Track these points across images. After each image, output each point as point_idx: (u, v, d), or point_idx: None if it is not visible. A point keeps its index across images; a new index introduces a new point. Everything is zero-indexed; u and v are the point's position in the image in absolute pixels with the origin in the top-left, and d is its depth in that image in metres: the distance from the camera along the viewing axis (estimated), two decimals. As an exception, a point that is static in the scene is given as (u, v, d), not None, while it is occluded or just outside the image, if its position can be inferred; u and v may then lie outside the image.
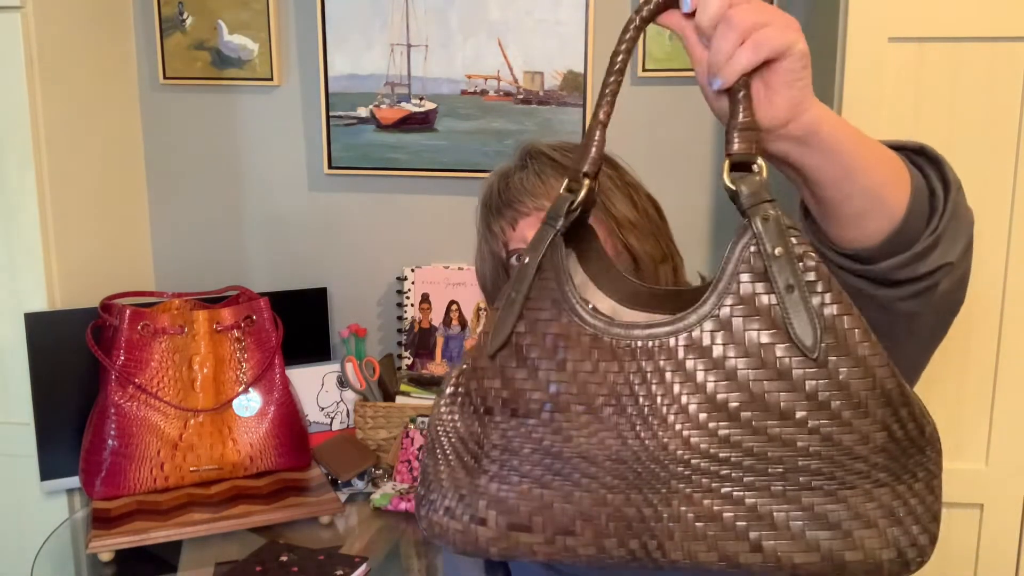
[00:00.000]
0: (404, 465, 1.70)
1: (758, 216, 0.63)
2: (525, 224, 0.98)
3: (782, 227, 0.63)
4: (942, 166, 0.76)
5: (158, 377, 1.59)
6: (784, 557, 0.62)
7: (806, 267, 0.63)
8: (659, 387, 0.64)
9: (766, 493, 0.63)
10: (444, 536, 0.71)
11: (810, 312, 0.62)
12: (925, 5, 1.33)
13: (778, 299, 0.63)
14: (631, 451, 0.64)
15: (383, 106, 1.91)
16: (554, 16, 1.82)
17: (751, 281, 0.63)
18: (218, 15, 1.92)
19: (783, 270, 0.63)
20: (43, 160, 1.65)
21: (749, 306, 0.63)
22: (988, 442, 1.44)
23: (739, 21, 0.63)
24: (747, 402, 0.63)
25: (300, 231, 2.02)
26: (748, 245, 0.64)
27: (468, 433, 0.70)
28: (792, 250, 0.63)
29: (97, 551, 1.42)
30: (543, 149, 1.02)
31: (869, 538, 0.62)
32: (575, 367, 0.66)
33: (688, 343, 0.64)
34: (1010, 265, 1.38)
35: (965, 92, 1.35)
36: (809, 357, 0.62)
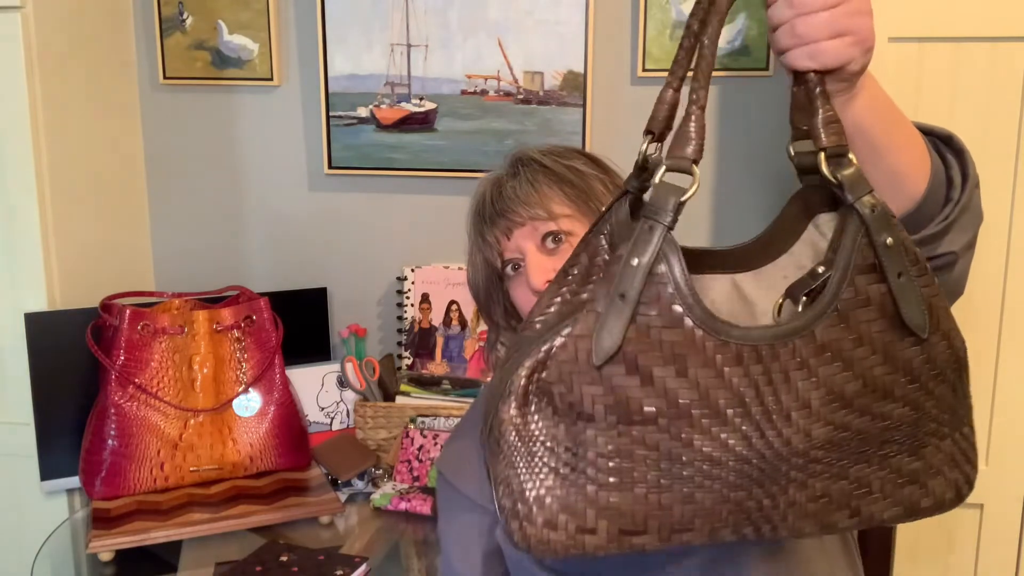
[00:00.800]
0: (404, 465, 1.70)
1: (867, 207, 0.64)
2: (520, 234, 0.98)
3: (888, 216, 0.65)
4: (965, 158, 0.77)
5: (158, 377, 1.59)
6: (876, 515, 0.68)
7: (908, 253, 0.66)
8: (784, 386, 0.65)
9: (865, 465, 0.67)
10: (545, 547, 0.67)
11: (919, 297, 0.66)
12: (925, 5, 1.33)
13: (888, 287, 0.65)
14: (755, 451, 0.64)
15: (383, 106, 1.91)
16: (554, 16, 1.82)
17: (864, 272, 0.65)
18: (218, 15, 1.92)
19: (894, 259, 0.65)
20: (43, 160, 1.65)
21: (864, 296, 0.65)
22: (988, 442, 1.44)
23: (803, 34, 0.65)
24: (860, 388, 0.66)
25: (300, 231, 2.02)
26: (858, 235, 0.65)
27: (553, 439, 0.66)
28: (901, 238, 0.65)
29: (97, 551, 1.42)
30: (534, 156, 1.01)
31: (938, 484, 0.69)
32: (696, 373, 0.64)
33: (811, 340, 0.65)
34: (1010, 265, 1.39)
35: (965, 92, 1.35)
36: (920, 337, 0.66)
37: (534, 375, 0.66)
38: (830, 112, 0.65)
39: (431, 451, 1.69)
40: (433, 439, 1.69)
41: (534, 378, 0.66)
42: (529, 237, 0.98)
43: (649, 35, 1.79)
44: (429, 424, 1.72)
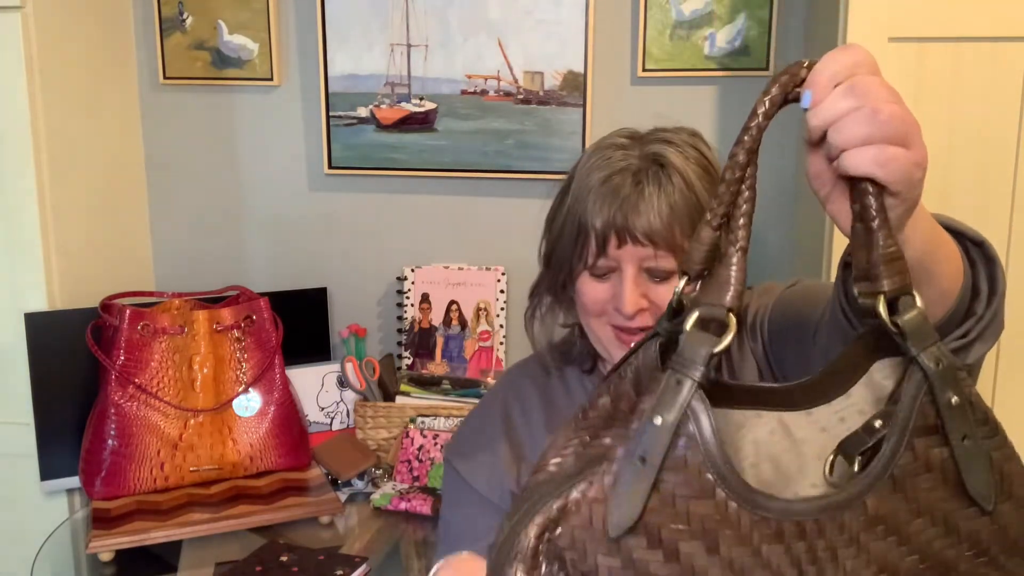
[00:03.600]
0: (404, 465, 1.70)
1: (931, 361, 0.57)
2: (632, 251, 0.90)
3: (955, 371, 0.57)
4: (996, 268, 0.71)
5: (158, 377, 1.58)
6: None
7: (976, 412, 0.58)
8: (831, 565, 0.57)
9: None
10: None
11: (986, 462, 0.58)
12: (925, 5, 1.33)
13: (951, 451, 0.58)
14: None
15: (383, 106, 1.91)
16: (554, 16, 1.82)
17: (924, 434, 0.57)
18: (218, 15, 1.92)
19: (959, 420, 0.58)
20: (43, 160, 1.65)
21: (922, 462, 0.57)
22: (988, 442, 1.44)
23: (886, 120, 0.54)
24: (916, 563, 0.58)
25: (300, 231, 2.02)
26: (920, 393, 0.57)
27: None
28: (968, 397, 0.58)
29: (97, 551, 1.42)
30: (678, 164, 0.92)
31: None
32: (730, 550, 0.56)
33: (862, 513, 0.56)
34: (1010, 265, 1.39)
35: (965, 92, 1.35)
36: (984, 510, 0.58)
37: (544, 534, 0.59)
38: (892, 248, 0.57)
39: (431, 451, 1.69)
40: (433, 439, 1.69)
41: (544, 538, 0.59)
42: (638, 259, 0.91)
43: (649, 35, 1.79)
44: (429, 424, 1.72)
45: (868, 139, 0.54)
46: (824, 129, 0.56)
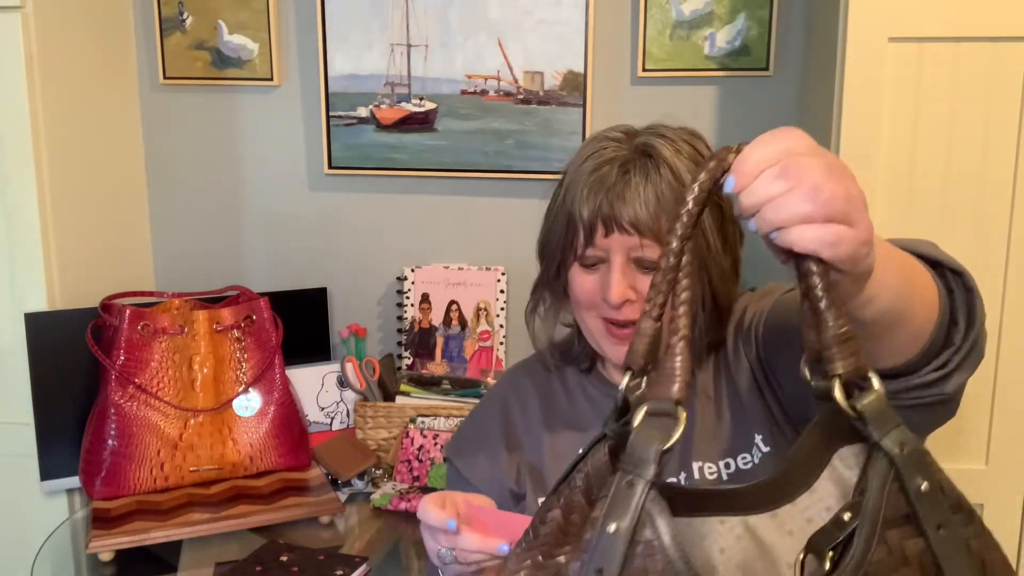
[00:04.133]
0: (404, 465, 1.70)
1: (895, 446, 0.53)
2: (619, 240, 0.91)
3: (922, 455, 0.53)
4: (974, 298, 0.70)
5: (158, 377, 1.58)
6: None
7: (949, 498, 0.54)
8: None
9: None
10: None
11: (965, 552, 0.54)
12: (925, 5, 1.33)
13: (927, 542, 0.53)
14: None
15: (383, 106, 1.91)
16: (554, 16, 1.82)
17: (897, 525, 0.53)
18: (218, 15, 1.92)
19: (932, 508, 0.53)
20: (43, 160, 1.65)
21: (898, 555, 0.53)
22: (988, 442, 1.44)
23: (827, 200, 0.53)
24: None
25: (300, 231, 2.02)
26: (887, 481, 0.53)
27: None
28: (937, 481, 0.54)
29: (97, 551, 1.42)
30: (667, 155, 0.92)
31: None
32: None
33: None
34: (1010, 265, 1.38)
35: (965, 92, 1.35)
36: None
37: None
38: (843, 328, 0.54)
39: (431, 451, 1.69)
40: (433, 439, 1.69)
41: None
42: (625, 249, 0.91)
43: (649, 35, 1.79)
44: (429, 424, 1.72)
45: (809, 217, 0.53)
46: (756, 209, 0.55)
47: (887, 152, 1.38)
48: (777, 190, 0.54)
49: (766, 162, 0.54)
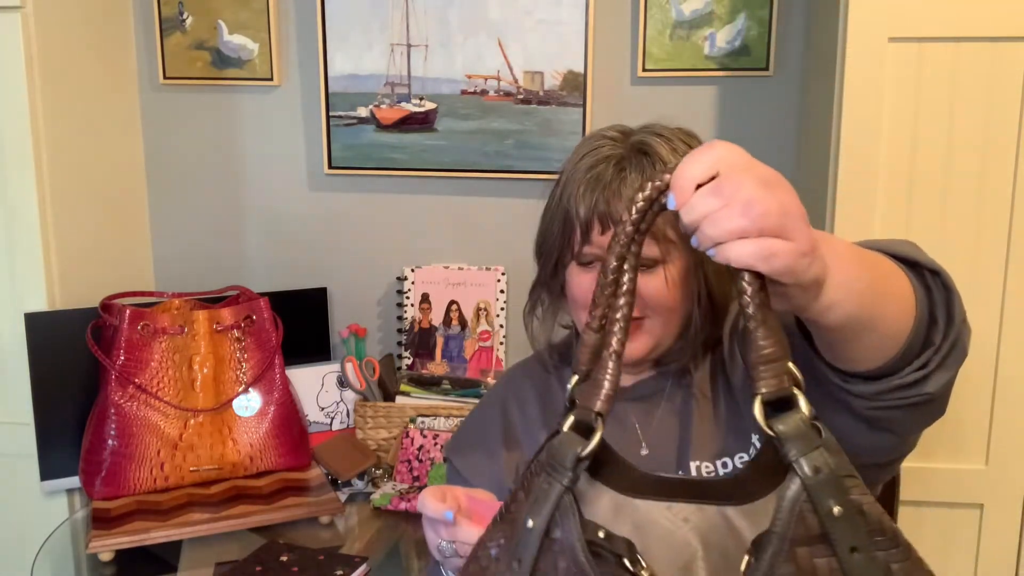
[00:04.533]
0: (404, 465, 1.70)
1: (808, 467, 0.53)
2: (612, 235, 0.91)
3: (839, 478, 0.53)
4: (952, 296, 0.70)
5: (158, 377, 1.58)
6: None
7: (869, 522, 0.53)
8: None
9: None
10: None
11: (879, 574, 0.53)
12: (925, 5, 1.33)
13: (840, 564, 0.53)
14: None
15: (383, 106, 1.91)
16: (554, 16, 1.82)
17: (807, 544, 0.53)
18: (218, 15, 1.92)
19: (844, 531, 0.53)
20: (43, 160, 1.65)
21: (807, 573, 0.53)
22: (988, 442, 1.44)
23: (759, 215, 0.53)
24: None
25: (300, 231, 2.02)
26: (799, 501, 0.53)
27: None
28: (852, 505, 0.53)
29: (97, 551, 1.42)
30: (664, 154, 0.92)
31: None
32: None
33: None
34: (1010, 265, 1.38)
35: (965, 92, 1.35)
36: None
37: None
38: (771, 349, 0.54)
39: (431, 451, 1.69)
40: (433, 439, 1.69)
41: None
42: None
43: (649, 35, 1.79)
44: (429, 424, 1.72)
45: (743, 232, 0.53)
46: (696, 226, 0.55)
47: (887, 152, 1.38)
48: (712, 206, 0.54)
49: (701, 178, 0.54)
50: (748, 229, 0.53)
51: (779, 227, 0.53)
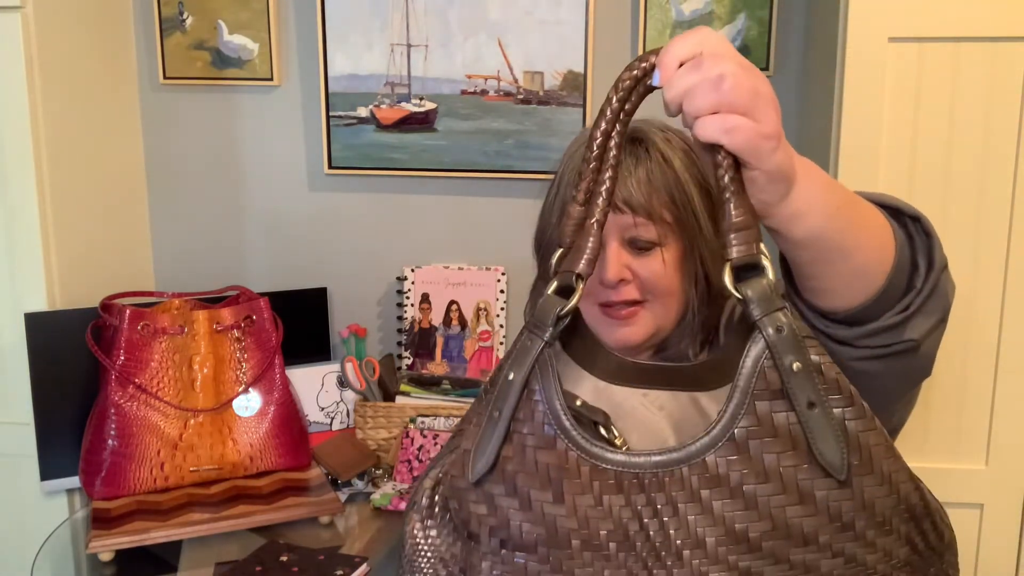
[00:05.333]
0: (404, 465, 1.70)
1: (770, 326, 0.57)
2: (613, 221, 0.92)
3: (798, 337, 0.57)
4: (932, 242, 0.72)
5: (158, 377, 1.58)
6: None
7: (826, 380, 0.57)
8: (672, 520, 0.58)
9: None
10: None
11: (835, 430, 0.57)
12: (925, 5, 1.33)
13: (798, 417, 0.57)
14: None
15: (383, 106, 1.91)
16: (554, 16, 1.82)
17: (767, 399, 0.57)
18: (218, 15, 1.92)
19: (803, 386, 0.57)
20: (43, 160, 1.65)
21: (766, 426, 0.57)
22: (988, 442, 1.44)
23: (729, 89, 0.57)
24: (769, 530, 0.57)
25: (300, 231, 2.02)
26: (761, 358, 0.57)
27: (450, 555, 0.64)
28: (810, 362, 0.57)
29: (97, 551, 1.42)
30: (659, 144, 0.94)
31: None
32: (574, 499, 0.59)
33: (702, 471, 0.58)
34: (1010, 265, 1.39)
35: (965, 92, 1.35)
36: (835, 478, 0.57)
37: (437, 487, 0.65)
38: (742, 217, 0.59)
39: (431, 451, 1.69)
40: (433, 439, 1.69)
41: (438, 490, 0.65)
42: (619, 229, 0.93)
43: (649, 35, 1.79)
44: (429, 424, 1.72)
45: (715, 107, 0.57)
46: (679, 102, 0.59)
47: (887, 152, 1.38)
48: (691, 81, 0.57)
49: (684, 57, 0.58)
50: (719, 104, 0.57)
51: (748, 106, 0.57)
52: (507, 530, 0.61)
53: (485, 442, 0.62)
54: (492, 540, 0.62)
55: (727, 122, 0.57)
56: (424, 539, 0.66)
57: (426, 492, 0.66)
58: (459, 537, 0.64)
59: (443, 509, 0.65)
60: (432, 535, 0.66)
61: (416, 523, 0.66)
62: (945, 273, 0.73)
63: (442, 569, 0.65)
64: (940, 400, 1.43)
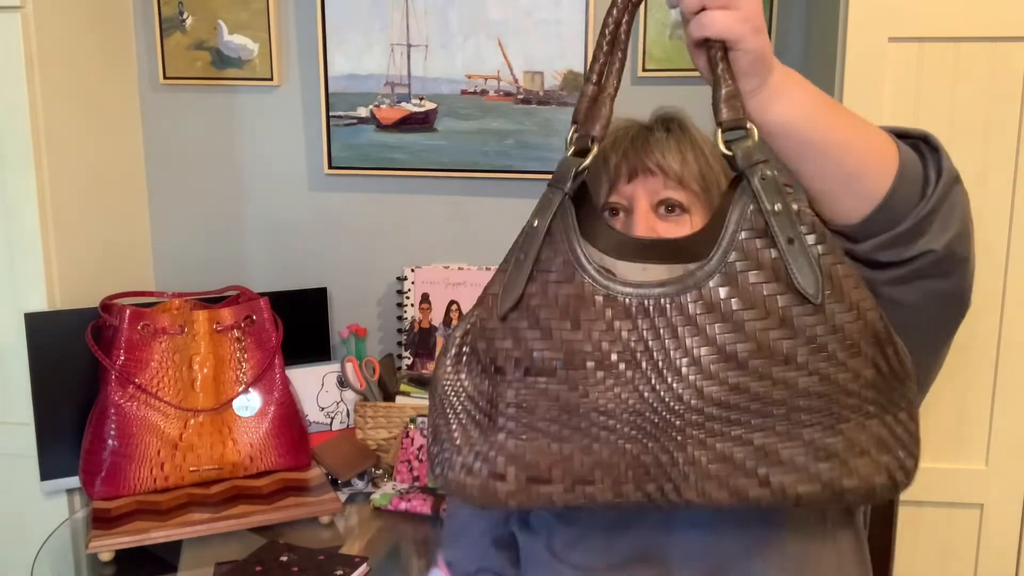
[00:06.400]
0: (404, 465, 1.70)
1: (756, 176, 0.67)
2: (643, 183, 0.96)
3: (779, 185, 0.67)
4: (940, 155, 0.77)
5: (158, 377, 1.58)
6: (789, 489, 0.66)
7: (803, 221, 0.67)
8: (672, 342, 0.67)
9: (771, 432, 0.66)
10: (462, 492, 0.73)
11: (811, 262, 0.66)
12: (925, 5, 1.33)
13: (780, 252, 0.66)
14: (647, 403, 0.67)
15: (383, 106, 1.91)
16: (554, 16, 1.82)
17: (753, 237, 0.67)
18: (218, 15, 1.92)
19: (783, 225, 0.66)
20: (43, 160, 1.65)
21: (753, 260, 0.67)
22: (988, 442, 1.44)
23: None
24: (754, 350, 0.66)
25: (300, 231, 2.02)
26: (748, 203, 0.67)
27: (477, 392, 0.73)
28: (790, 206, 0.67)
29: (97, 551, 1.42)
30: (687, 124, 1.01)
31: (863, 465, 0.67)
32: (589, 326, 0.69)
33: (698, 299, 0.67)
34: (1010, 265, 1.39)
35: (965, 92, 1.35)
36: (812, 303, 0.66)
37: (468, 335, 0.74)
38: (730, 87, 0.70)
39: (431, 451, 1.68)
40: (433, 439, 1.69)
41: (467, 339, 0.74)
42: (649, 192, 0.96)
43: (649, 35, 1.79)
44: (429, 424, 1.72)
45: (697, 6, 0.69)
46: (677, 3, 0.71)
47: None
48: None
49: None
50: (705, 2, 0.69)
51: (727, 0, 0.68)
52: (530, 359, 0.70)
53: (512, 282, 0.71)
54: (516, 370, 0.70)
55: (707, 17, 0.68)
56: (455, 380, 0.74)
57: (455, 341, 0.74)
58: (486, 375, 0.72)
59: (471, 354, 0.73)
60: (461, 377, 0.74)
61: (448, 367, 0.74)
62: (958, 186, 0.76)
63: (470, 404, 0.73)
64: (940, 400, 1.43)
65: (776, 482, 0.66)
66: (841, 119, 0.75)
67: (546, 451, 0.69)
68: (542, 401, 0.69)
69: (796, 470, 0.66)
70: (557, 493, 0.69)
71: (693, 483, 0.67)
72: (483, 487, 0.71)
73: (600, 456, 0.68)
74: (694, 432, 0.67)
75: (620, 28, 0.72)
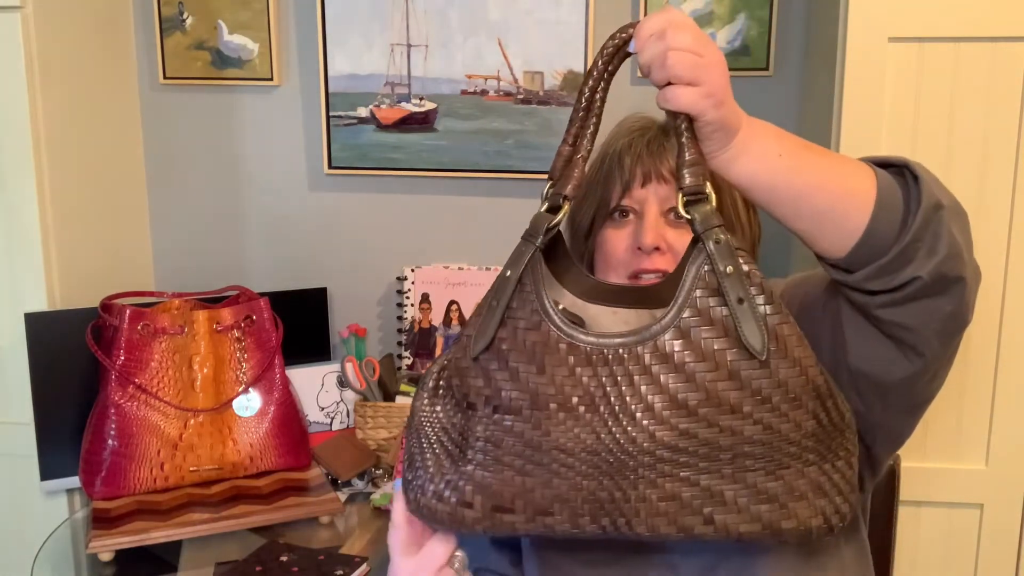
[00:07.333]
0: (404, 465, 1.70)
1: (711, 239, 0.72)
2: (656, 189, 0.99)
3: (731, 248, 0.72)
4: (920, 184, 0.77)
5: (158, 377, 1.58)
6: (732, 527, 0.72)
7: (752, 283, 0.72)
8: (628, 389, 0.72)
9: (716, 475, 0.72)
10: (433, 517, 0.78)
11: (758, 321, 0.71)
12: (925, 5, 1.33)
13: (730, 311, 0.71)
14: (603, 444, 0.73)
15: (383, 106, 1.91)
16: (554, 16, 1.82)
17: (706, 295, 0.72)
18: (218, 15, 1.92)
19: (734, 286, 0.71)
20: (43, 160, 1.65)
21: (705, 317, 0.72)
22: (988, 442, 1.44)
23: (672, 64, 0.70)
24: (703, 400, 0.72)
25: (300, 231, 2.02)
26: (702, 264, 0.73)
27: (451, 424, 0.78)
28: (741, 268, 0.72)
29: (97, 551, 1.42)
30: None
31: (801, 508, 0.73)
32: (553, 371, 0.74)
33: (653, 350, 0.72)
34: (1010, 265, 1.38)
35: (965, 92, 1.35)
36: (757, 359, 0.71)
37: (444, 371, 0.79)
38: (694, 155, 0.74)
39: (431, 451, 1.68)
40: (433, 439, 1.69)
41: (444, 374, 0.79)
42: (660, 199, 0.99)
43: (649, 35, 1.79)
44: (429, 424, 1.72)
45: (664, 81, 0.72)
46: (647, 68, 0.73)
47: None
48: (657, 49, 0.71)
49: (654, 31, 0.72)
50: (668, 77, 0.71)
51: (692, 75, 0.71)
52: (499, 398, 0.75)
53: (485, 326, 0.77)
54: (486, 407, 0.76)
55: (671, 93, 0.72)
56: (431, 412, 0.79)
57: (433, 375, 0.80)
58: (459, 409, 0.78)
59: (447, 388, 0.79)
60: (437, 409, 0.79)
61: (425, 399, 0.80)
62: (941, 212, 0.75)
63: (444, 435, 0.78)
64: (940, 400, 1.43)
65: (720, 520, 0.72)
66: (810, 163, 0.77)
67: (510, 483, 0.74)
68: (508, 437, 0.75)
69: (739, 511, 0.72)
70: (519, 522, 0.74)
71: (643, 518, 0.72)
72: (452, 513, 0.77)
73: (559, 490, 0.73)
74: (645, 472, 0.72)
75: (596, 95, 0.79)
